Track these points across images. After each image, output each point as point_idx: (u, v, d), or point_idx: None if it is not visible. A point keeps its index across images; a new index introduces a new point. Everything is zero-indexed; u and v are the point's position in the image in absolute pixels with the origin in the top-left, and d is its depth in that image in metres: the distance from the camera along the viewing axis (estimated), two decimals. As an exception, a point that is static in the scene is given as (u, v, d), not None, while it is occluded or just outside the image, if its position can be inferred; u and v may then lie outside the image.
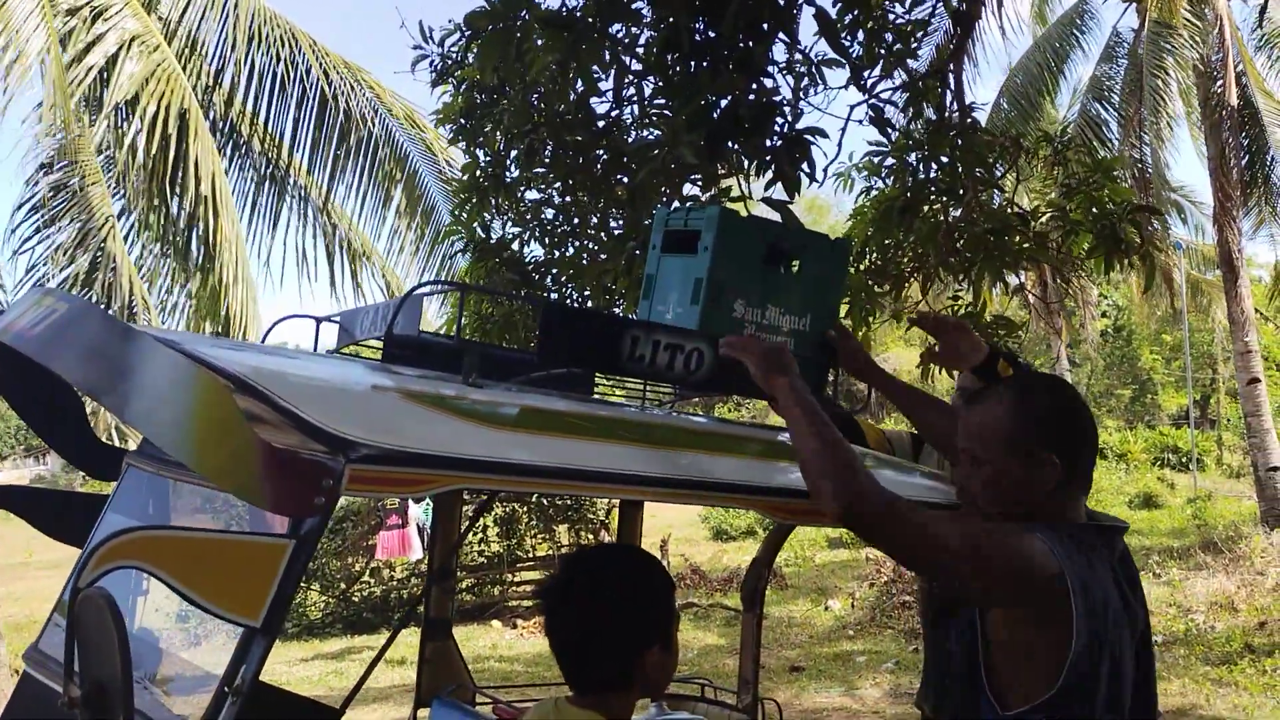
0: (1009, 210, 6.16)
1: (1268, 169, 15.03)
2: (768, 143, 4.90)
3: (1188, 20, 14.37)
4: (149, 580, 2.36)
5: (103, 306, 9.42)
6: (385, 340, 2.76)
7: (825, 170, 6.10)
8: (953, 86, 5.79)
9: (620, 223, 5.99)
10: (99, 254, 10.04)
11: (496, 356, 2.73)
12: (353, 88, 11.54)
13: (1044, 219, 6.17)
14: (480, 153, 6.30)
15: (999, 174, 6.01)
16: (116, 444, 3.37)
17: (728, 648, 11.25)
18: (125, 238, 10.76)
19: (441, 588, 3.57)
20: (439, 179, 12.39)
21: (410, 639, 9.91)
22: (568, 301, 6.35)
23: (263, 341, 3.11)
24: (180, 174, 9.78)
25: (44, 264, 10.07)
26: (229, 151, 11.48)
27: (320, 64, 11.33)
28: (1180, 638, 10.70)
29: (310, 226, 12.07)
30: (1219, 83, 14.24)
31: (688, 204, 4.60)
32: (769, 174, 4.96)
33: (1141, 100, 13.97)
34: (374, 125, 11.77)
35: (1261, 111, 14.84)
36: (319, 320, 2.97)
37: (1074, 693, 1.84)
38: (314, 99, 11.36)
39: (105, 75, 9.56)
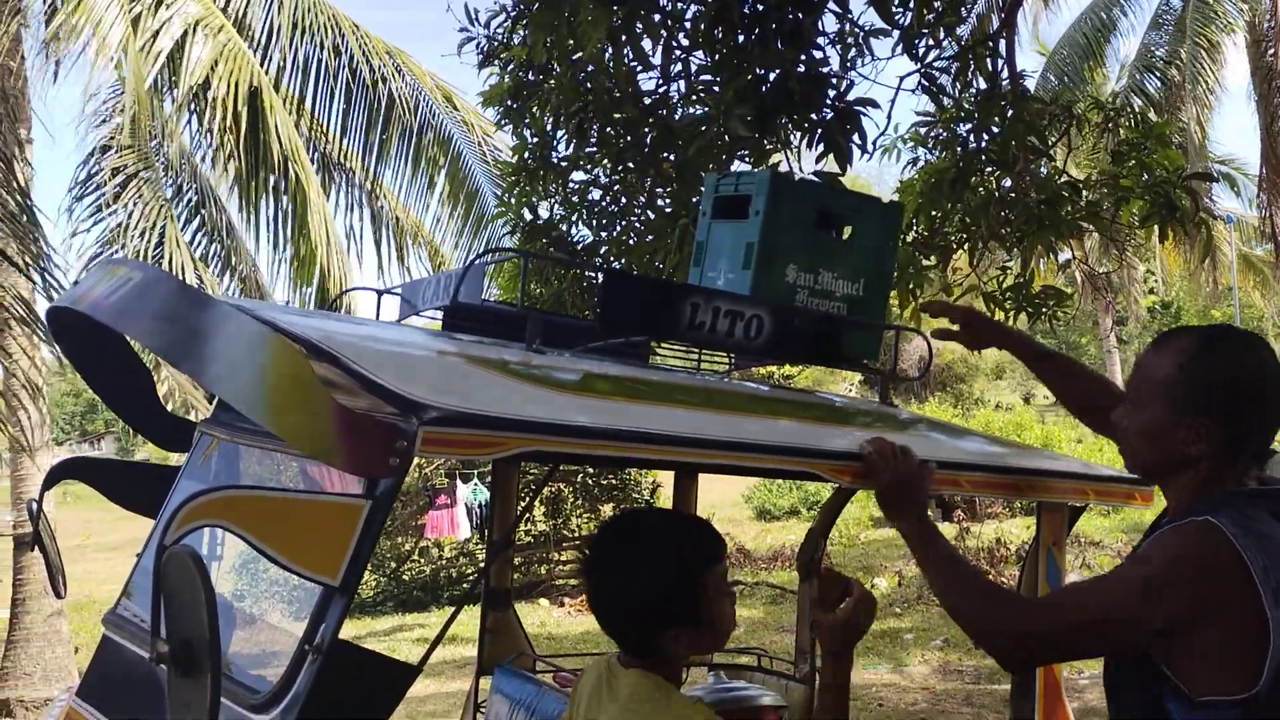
0: (1060, 180, 6.08)
1: (1320, 137, 14.70)
2: (818, 115, 4.88)
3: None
4: (223, 544, 2.42)
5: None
6: (446, 311, 2.79)
7: (875, 142, 6.07)
8: (1004, 54, 5.71)
9: (669, 201, 5.98)
10: (161, 236, 10.22)
11: (557, 324, 2.75)
12: (395, 72, 11.61)
13: (1095, 187, 6.09)
14: (527, 133, 6.32)
15: (1051, 143, 5.93)
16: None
17: (773, 624, 11.27)
18: (180, 220, 10.97)
19: (502, 559, 3.61)
20: (483, 162, 12.46)
21: (462, 616, 10.05)
22: (618, 279, 6.36)
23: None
24: (261, 149, 9.96)
25: (99, 245, 10.26)
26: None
27: (363, 49, 11.41)
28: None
29: (357, 209, 12.22)
30: (1270, 51, 13.93)
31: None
32: (819, 147, 4.94)
33: (1196, 67, 13.72)
34: (417, 110, 11.86)
35: (1314, 79, 14.51)
36: (380, 293, 3.01)
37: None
38: (359, 85, 11.46)
39: (174, 61, 9.71)
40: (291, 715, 1.78)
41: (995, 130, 5.80)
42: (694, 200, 5.54)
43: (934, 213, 6.36)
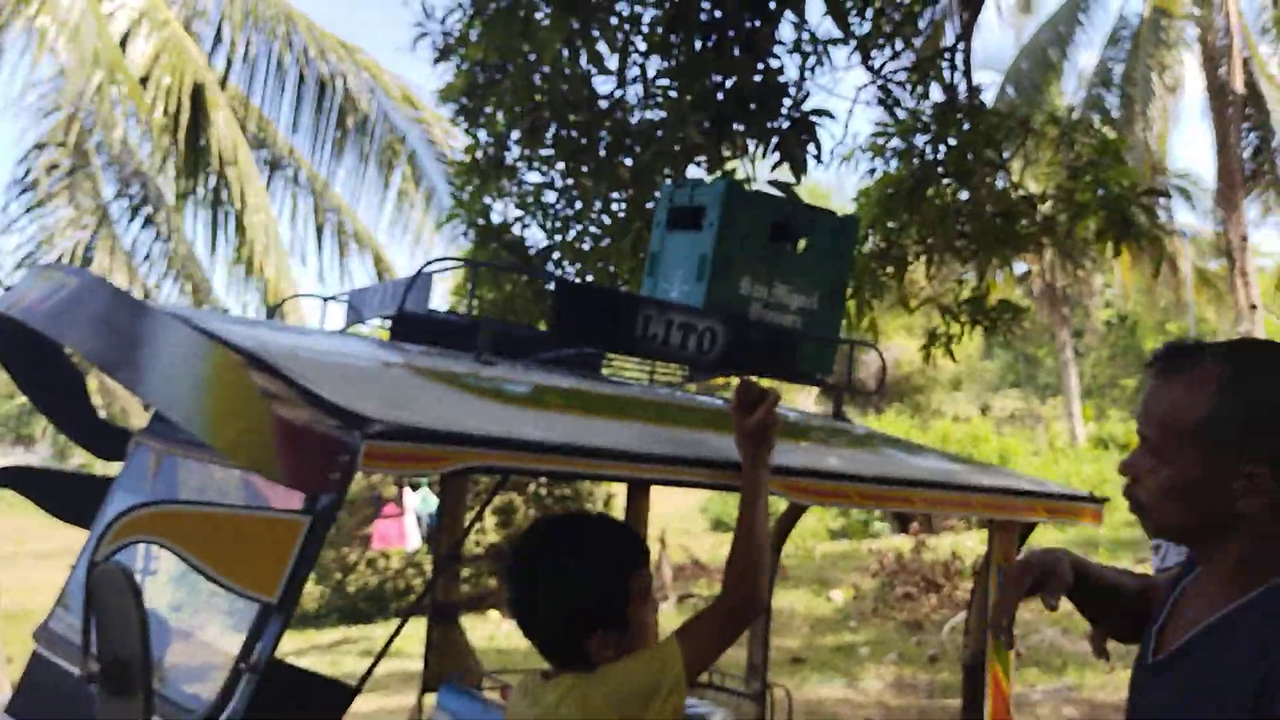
0: (1015, 193, 6.14)
1: (1272, 154, 15.01)
2: (774, 124, 4.89)
3: (1190, 6, 14.34)
4: (158, 560, 2.35)
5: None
6: (394, 319, 2.73)
7: (832, 152, 6.09)
8: (960, 67, 5.75)
9: (624, 205, 5.96)
10: (96, 234, 10.03)
11: (507, 334, 2.71)
12: (349, 69, 11.49)
13: (1051, 202, 6.14)
14: (482, 133, 6.27)
15: (1006, 156, 5.98)
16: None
17: (728, 636, 11.25)
18: (120, 221, 10.77)
19: (449, 573, 3.56)
20: (439, 161, 12.35)
21: (407, 629, 9.92)
22: (572, 285, 6.32)
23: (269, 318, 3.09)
24: (201, 146, 9.79)
25: (32, 245, 10.06)
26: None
27: (317, 44, 11.28)
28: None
29: (301, 211, 12.05)
30: (1224, 69, 14.21)
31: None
32: (775, 155, 4.94)
33: (1150, 85, 13.96)
34: (371, 106, 11.73)
35: (1266, 98, 14.82)
36: (326, 300, 2.95)
37: None
38: (312, 80, 11.32)
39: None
40: (225, 736, 1.72)
41: (952, 142, 5.84)
42: (649, 205, 5.53)
43: (891, 224, 6.39)
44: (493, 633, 12.52)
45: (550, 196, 6.49)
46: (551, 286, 6.09)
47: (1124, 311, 37.04)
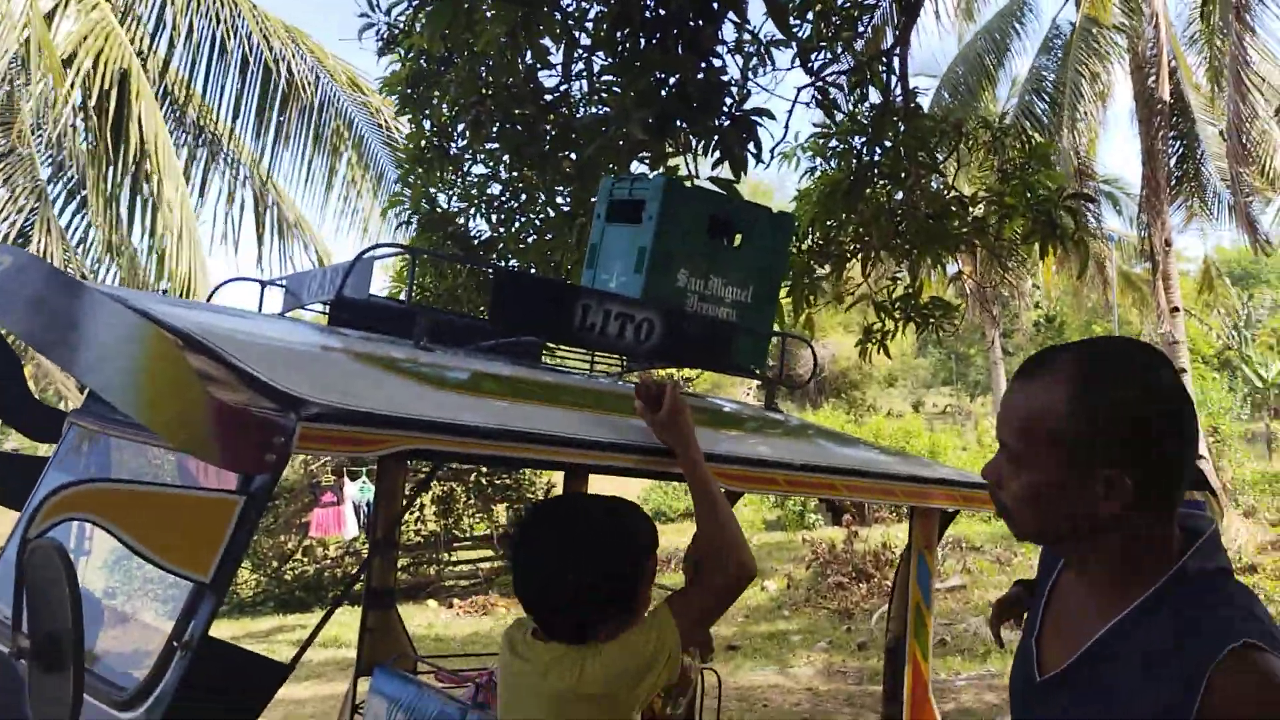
0: (949, 195, 6.27)
1: (1198, 163, 15.42)
2: (716, 122, 4.94)
3: (1121, 16, 14.67)
4: (91, 539, 2.35)
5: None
6: (332, 304, 2.75)
7: (772, 152, 6.17)
8: (897, 71, 5.86)
9: (568, 199, 5.99)
10: (31, 218, 9.81)
11: (446, 322, 2.74)
12: (294, 53, 11.34)
13: (981, 204, 6.29)
14: (426, 123, 6.25)
15: (940, 159, 6.11)
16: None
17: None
18: (57, 203, 10.53)
19: (384, 558, 3.57)
20: (386, 145, 12.25)
21: (342, 617, 9.88)
22: (513, 276, 6.33)
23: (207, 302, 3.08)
24: (123, 134, 9.59)
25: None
26: (164, 118, 11.25)
27: (260, 28, 11.12)
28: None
29: (240, 197, 11.87)
30: (1152, 78, 14.57)
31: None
32: (716, 154, 5.00)
33: (1080, 92, 14.27)
34: (317, 91, 11.59)
35: (1192, 106, 15.23)
36: (264, 284, 2.95)
37: None
38: (256, 64, 11.16)
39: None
40: (157, 713, 1.74)
41: (888, 144, 5.95)
42: (592, 200, 5.56)
43: (829, 222, 6.49)
44: (431, 620, 12.49)
45: (495, 189, 6.51)
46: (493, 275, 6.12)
47: (1051, 313, 37.85)
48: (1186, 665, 1.30)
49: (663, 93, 4.85)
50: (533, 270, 6.24)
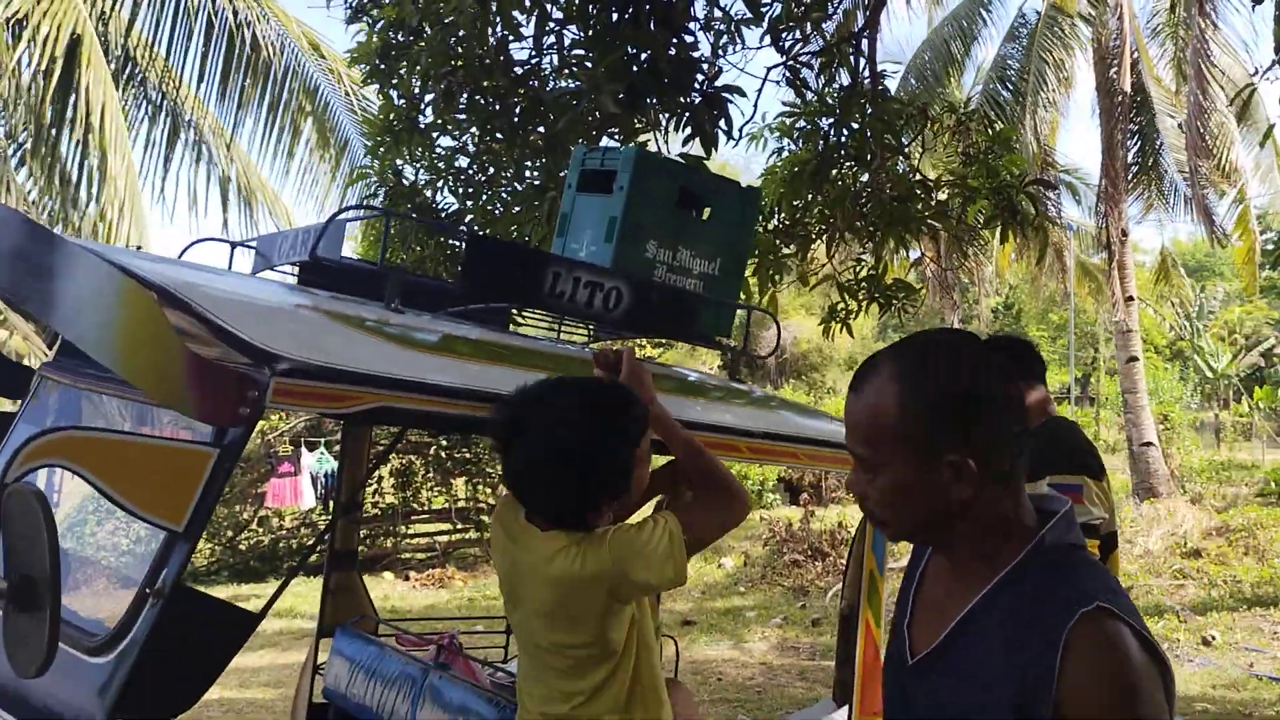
0: (913, 178, 6.35)
1: (1157, 154, 15.66)
2: (687, 99, 4.98)
3: (1086, 6, 14.82)
4: (61, 490, 2.36)
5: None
6: (303, 266, 2.77)
7: (741, 130, 6.21)
8: (866, 53, 5.91)
9: (537, 173, 5.99)
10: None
11: (416, 285, 2.76)
12: (259, 17, 11.21)
13: (945, 188, 6.37)
14: (394, 94, 6.22)
15: (906, 142, 6.18)
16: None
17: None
18: (11, 162, 10.36)
19: (348, 520, 3.60)
20: (351, 112, 12.16)
21: (297, 587, 9.86)
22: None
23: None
24: (71, 102, 9.44)
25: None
26: (123, 82, 11.09)
27: (225, -10, 10.98)
28: (1052, 599, 11.24)
29: (205, 163, 11.75)
30: (1114, 68, 14.75)
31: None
32: (687, 130, 5.03)
33: (1044, 80, 14.43)
34: (282, 56, 11.46)
35: (1153, 98, 15.44)
36: (234, 244, 2.96)
37: None
38: (220, 28, 11.01)
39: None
40: (129, 658, 1.77)
41: (855, 126, 6.01)
42: (562, 174, 5.58)
43: (795, 202, 6.55)
44: (388, 592, 12.50)
45: (462, 162, 6.49)
46: (462, 246, 6.12)
47: (1010, 300, 38.32)
48: (1046, 629, 1.35)
49: (634, 68, 4.88)
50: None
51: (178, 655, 1.84)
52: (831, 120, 6.07)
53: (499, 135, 5.82)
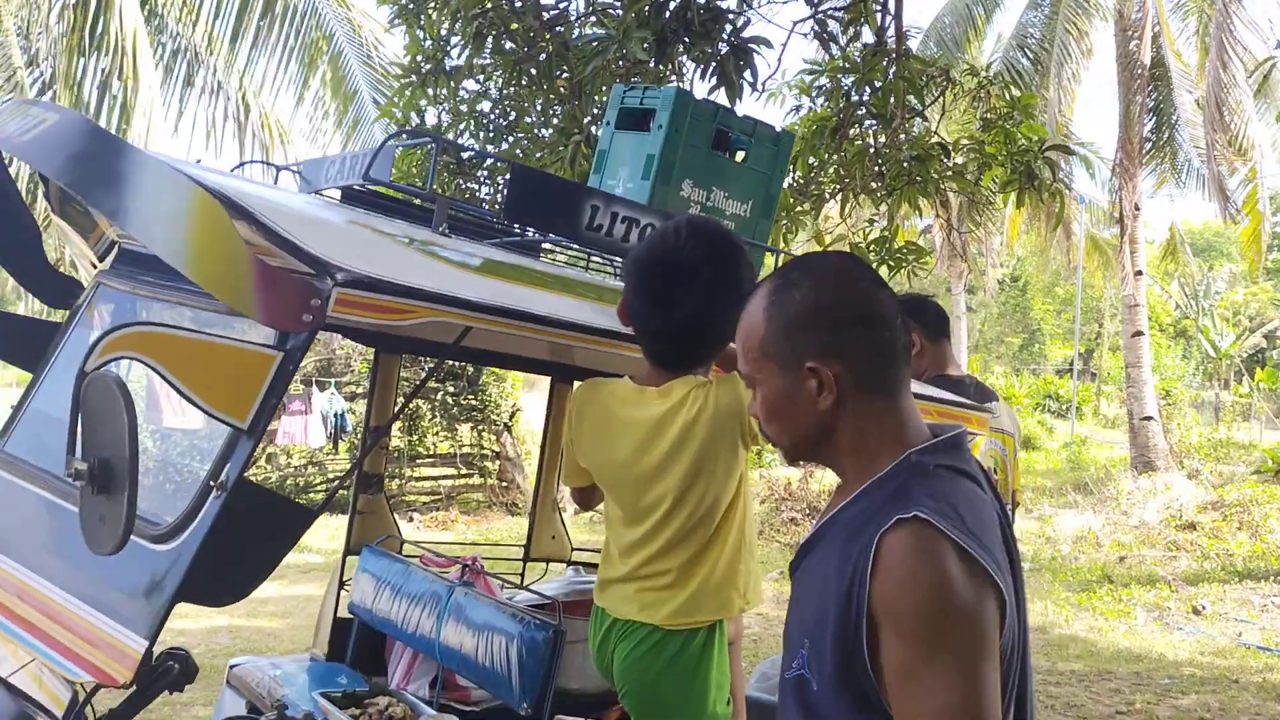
0: (931, 140, 6.38)
1: (1172, 129, 15.63)
2: (712, 49, 5.02)
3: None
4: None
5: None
6: (345, 193, 2.84)
7: (764, 84, 6.24)
8: (893, 11, 5.94)
9: (560, 118, 6.03)
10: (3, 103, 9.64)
11: (460, 211, 2.84)
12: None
13: (963, 151, 6.41)
14: (421, 34, 6.24)
15: (927, 103, 6.22)
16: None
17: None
18: (30, 92, 10.36)
19: (377, 443, 3.70)
20: (364, 64, 12.15)
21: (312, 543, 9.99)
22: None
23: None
24: (100, 27, 9.43)
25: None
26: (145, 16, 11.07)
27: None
28: (1046, 565, 11.40)
29: (221, 102, 11.75)
30: (1134, 41, 14.70)
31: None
32: (712, 80, 5.08)
33: (1066, 51, 14.39)
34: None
35: (1172, 72, 15.39)
36: (279, 168, 3.03)
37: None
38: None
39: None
40: (192, 547, 1.86)
41: (877, 85, 6.04)
42: (586, 120, 5.63)
43: (811, 160, 6.60)
44: (389, 535, 12.66)
45: (485, 106, 6.52)
46: (480, 189, 6.19)
47: (1017, 272, 38.29)
48: (869, 533, 1.39)
49: (663, 15, 4.91)
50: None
51: (239, 544, 1.94)
52: (854, 79, 6.11)
53: (524, 80, 5.86)
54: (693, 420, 2.17)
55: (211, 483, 1.90)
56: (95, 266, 2.79)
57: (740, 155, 3.06)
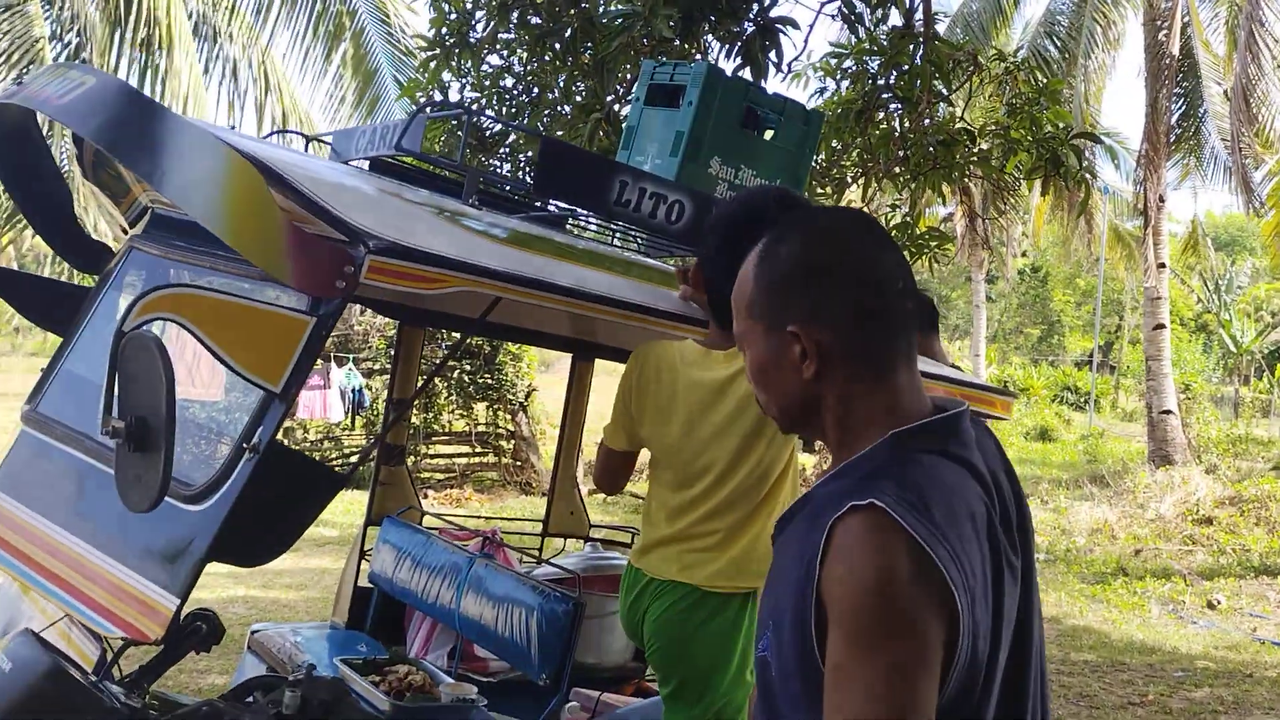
0: (956, 124, 6.35)
1: (1199, 120, 15.51)
2: (738, 28, 5.01)
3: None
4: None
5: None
6: (373, 164, 2.85)
7: (790, 65, 6.22)
8: (922, -7, 5.90)
9: (583, 94, 6.02)
10: (25, 74, 9.68)
11: (490, 183, 2.85)
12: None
13: (986, 138, 6.37)
14: (446, 5, 6.23)
15: (954, 87, 6.18)
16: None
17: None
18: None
19: (401, 416, 3.72)
20: (385, 41, 12.16)
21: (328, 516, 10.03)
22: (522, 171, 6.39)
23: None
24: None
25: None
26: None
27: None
28: (1060, 556, 11.39)
29: (243, 80, 11.77)
30: (1163, 30, 14.57)
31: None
32: (738, 59, 5.07)
33: (1094, 39, 14.28)
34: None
35: (1200, 64, 15.26)
36: (309, 138, 3.05)
37: (963, 696, 1.29)
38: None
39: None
40: (225, 507, 1.89)
41: (903, 69, 6.01)
42: (609, 97, 5.62)
43: (835, 144, 6.57)
44: (404, 512, 12.73)
45: (508, 81, 6.51)
46: (503, 167, 6.20)
47: (1038, 263, 38.08)
48: (825, 518, 1.29)
49: (691, -7, 4.90)
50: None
51: (270, 506, 1.96)
52: (880, 61, 6.07)
53: (548, 55, 5.85)
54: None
55: (244, 444, 1.92)
56: (126, 231, 2.82)
57: (769, 134, 3.06)
